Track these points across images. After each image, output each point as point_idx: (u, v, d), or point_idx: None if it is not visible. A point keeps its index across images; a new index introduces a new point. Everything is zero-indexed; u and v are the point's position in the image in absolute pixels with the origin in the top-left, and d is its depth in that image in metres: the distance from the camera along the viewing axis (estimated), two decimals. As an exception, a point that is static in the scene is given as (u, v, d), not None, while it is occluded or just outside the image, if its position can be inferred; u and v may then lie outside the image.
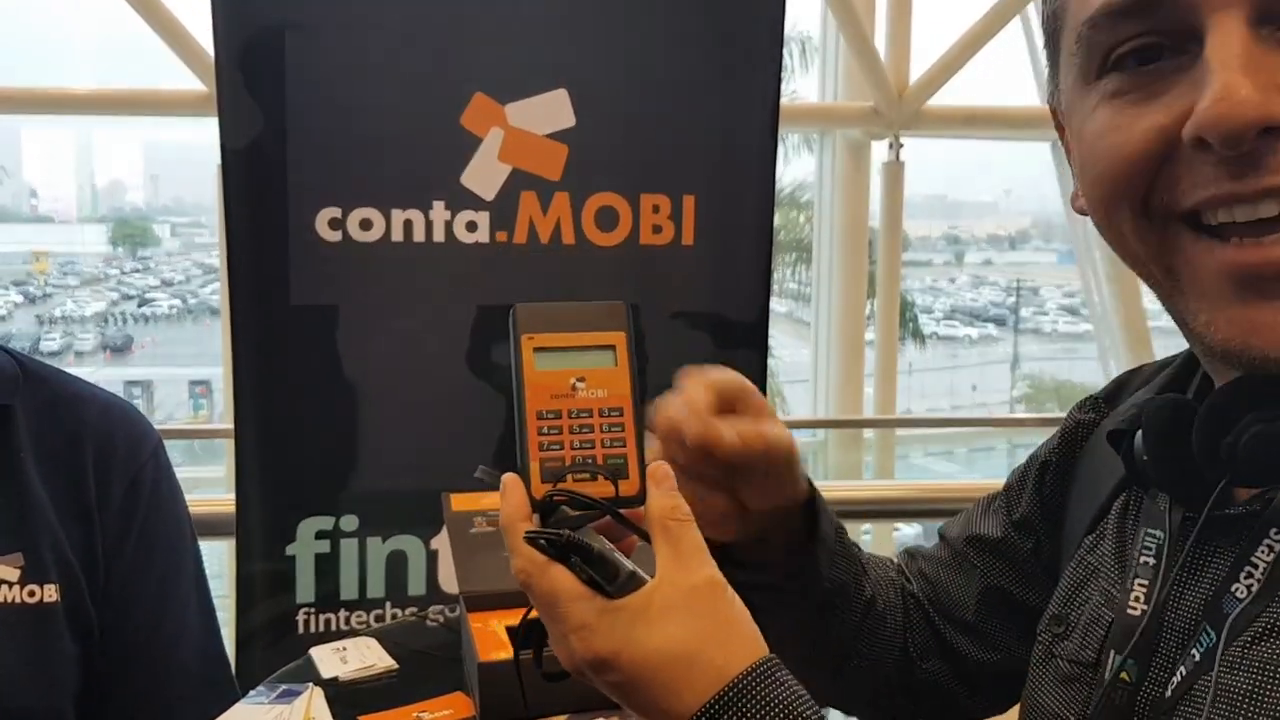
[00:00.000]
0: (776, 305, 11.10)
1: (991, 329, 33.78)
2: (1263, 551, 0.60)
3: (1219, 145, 0.55)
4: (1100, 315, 5.46)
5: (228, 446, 3.19)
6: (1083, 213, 0.68)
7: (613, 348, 0.68)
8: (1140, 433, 0.68)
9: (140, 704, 1.12)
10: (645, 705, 0.60)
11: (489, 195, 1.80)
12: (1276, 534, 0.60)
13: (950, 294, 36.94)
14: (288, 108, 1.71)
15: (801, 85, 10.02)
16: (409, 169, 1.78)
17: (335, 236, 1.75)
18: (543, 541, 0.62)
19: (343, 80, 1.74)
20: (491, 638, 1.17)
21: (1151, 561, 0.68)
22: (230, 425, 1.82)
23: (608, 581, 0.60)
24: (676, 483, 0.65)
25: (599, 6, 1.84)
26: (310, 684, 1.19)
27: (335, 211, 1.75)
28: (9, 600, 1.03)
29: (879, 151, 5.43)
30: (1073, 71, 0.64)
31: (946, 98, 5.09)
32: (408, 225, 1.78)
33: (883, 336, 5.55)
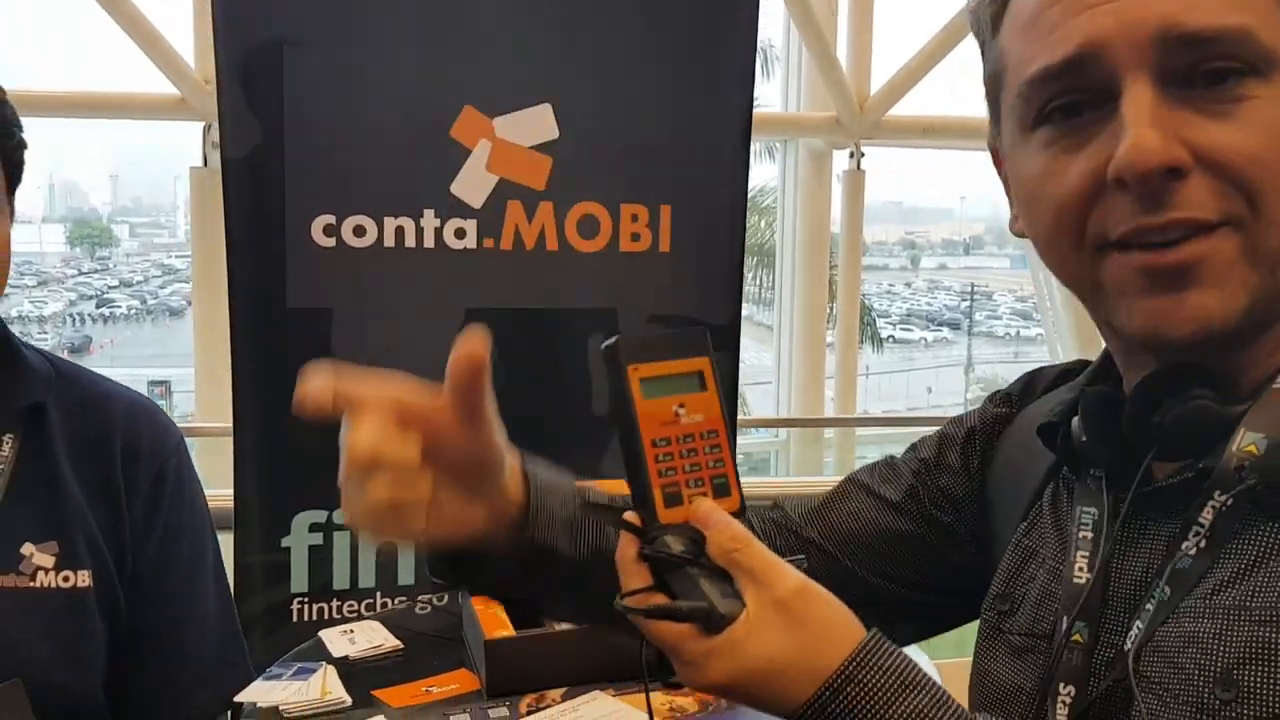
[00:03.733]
0: (737, 308, 11.17)
1: (946, 332, 34.19)
2: (1207, 513, 0.70)
3: (1134, 185, 0.66)
4: (1052, 319, 5.62)
5: (198, 445, 3.24)
6: (1021, 235, 0.79)
7: (701, 373, 0.71)
8: (1076, 421, 0.78)
9: (163, 683, 1.19)
10: (772, 705, 0.67)
11: (477, 204, 1.89)
12: (1220, 494, 0.69)
13: (906, 298, 37.34)
14: (285, 120, 1.79)
15: (764, 93, 10.15)
16: (401, 178, 1.86)
17: (330, 242, 1.83)
18: (630, 608, 0.67)
19: (338, 94, 1.82)
20: (494, 619, 1.26)
21: (1090, 535, 0.77)
22: (229, 423, 1.88)
23: (704, 628, 0.66)
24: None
25: (582, 27, 1.92)
26: (323, 662, 1.28)
27: (330, 218, 1.83)
28: (46, 585, 1.10)
29: (840, 160, 5.54)
30: (1012, 121, 0.75)
31: (906, 108, 5.22)
32: (399, 232, 1.86)
33: (843, 339, 5.67)
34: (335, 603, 1.90)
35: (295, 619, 1.88)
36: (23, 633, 1.08)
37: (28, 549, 1.09)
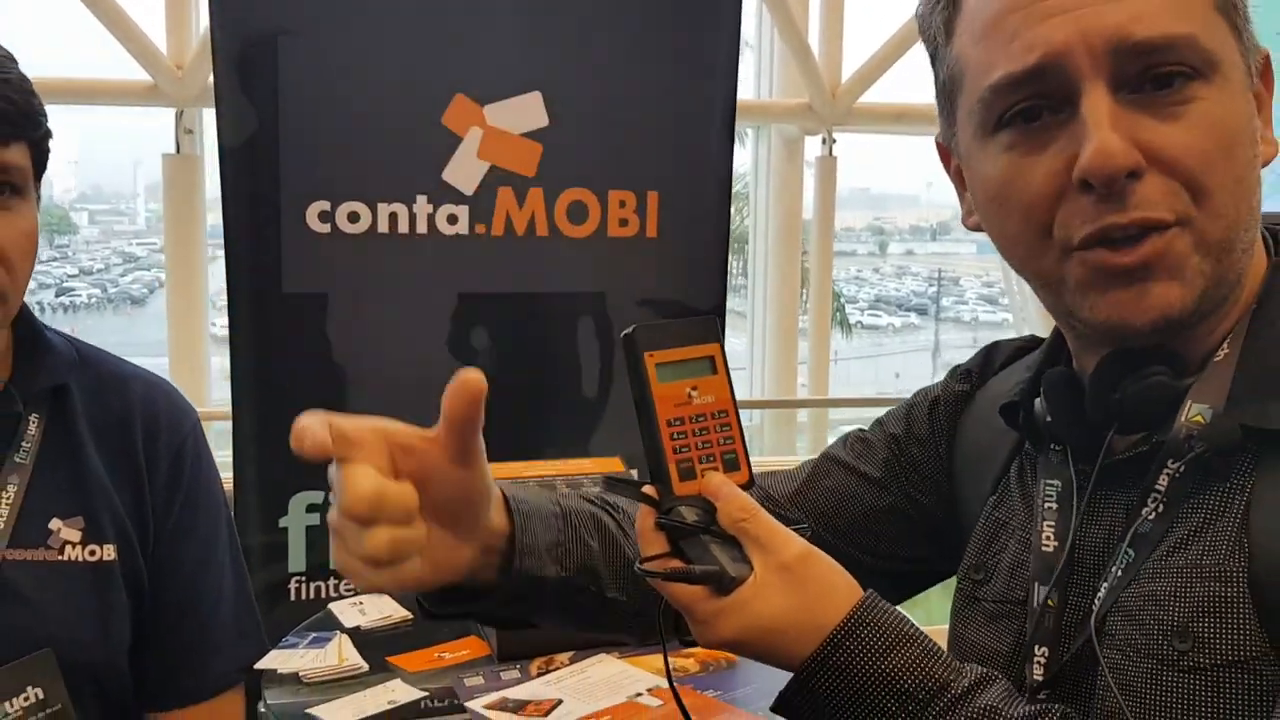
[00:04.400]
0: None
1: (914, 318, 34.37)
2: (1162, 481, 0.76)
3: (1099, 186, 0.71)
4: (1019, 304, 5.71)
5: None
6: (976, 229, 0.85)
7: (711, 358, 0.76)
8: (1039, 401, 0.84)
9: (182, 653, 1.24)
10: (779, 662, 0.73)
11: (469, 190, 1.93)
12: (1173, 463, 0.75)
13: (874, 284, 37.54)
14: (280, 108, 1.83)
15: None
16: (394, 165, 1.90)
17: (325, 228, 1.87)
18: (650, 571, 0.73)
19: (332, 82, 1.85)
20: (501, 588, 1.31)
21: (1054, 506, 0.83)
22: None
23: (715, 590, 0.72)
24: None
25: (571, 16, 1.97)
26: (338, 631, 1.33)
27: (325, 205, 1.86)
28: (73, 558, 1.14)
29: (812, 146, 5.60)
30: (971, 125, 0.79)
31: (876, 95, 5.29)
32: (393, 218, 1.90)
33: (815, 325, 5.75)
34: (332, 581, 1.95)
35: (293, 597, 1.93)
36: (53, 604, 1.12)
37: (55, 524, 1.13)
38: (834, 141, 5.48)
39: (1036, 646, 0.81)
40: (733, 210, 2.07)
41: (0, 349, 1.14)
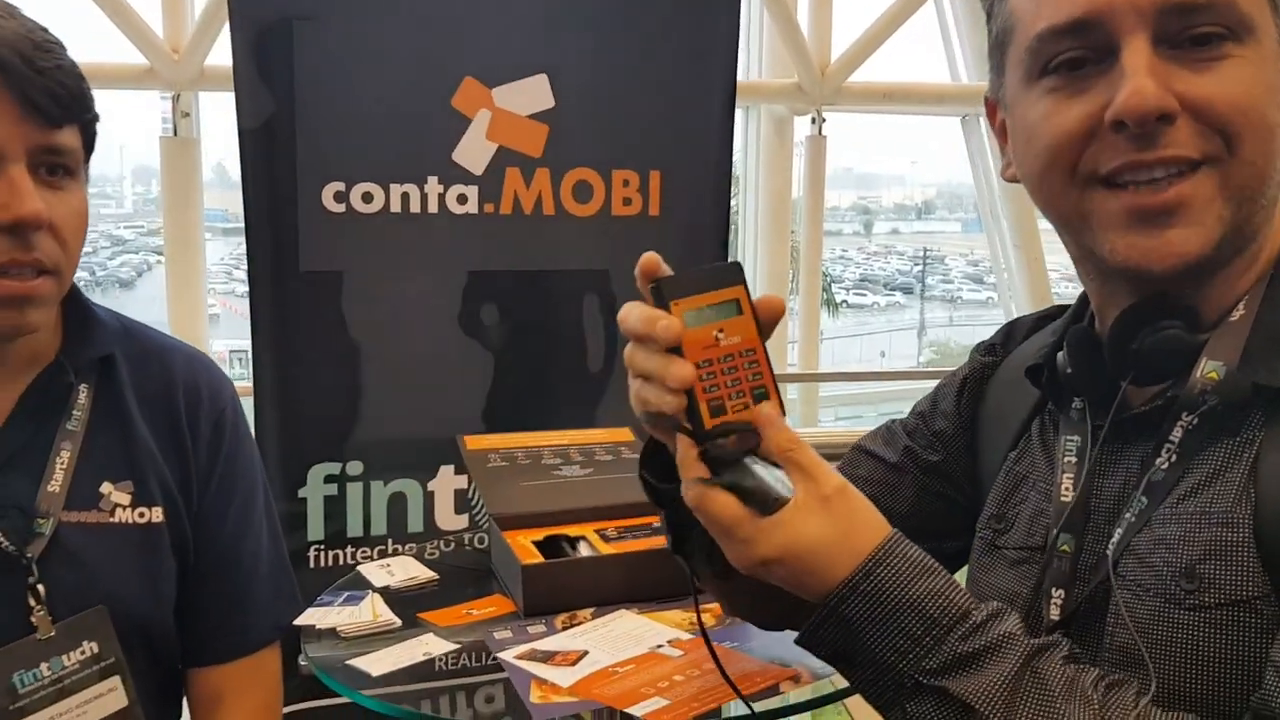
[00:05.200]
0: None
1: (899, 296, 34.53)
2: (1176, 432, 0.82)
3: (1132, 125, 0.77)
4: (1006, 281, 5.79)
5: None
6: (1013, 180, 0.90)
7: (737, 300, 0.80)
8: (1061, 355, 0.90)
9: (224, 611, 1.30)
10: (810, 587, 0.78)
11: (478, 170, 1.99)
12: (1186, 417, 0.81)
13: (860, 263, 37.63)
14: (296, 92, 1.88)
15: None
16: (406, 146, 1.95)
17: (339, 208, 1.93)
18: (705, 480, 0.78)
19: (346, 67, 1.90)
20: (524, 549, 1.39)
21: (1074, 459, 0.89)
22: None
23: (762, 506, 0.78)
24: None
25: (577, 1, 2.02)
26: (369, 590, 1.40)
27: (339, 185, 1.92)
28: (124, 521, 1.20)
29: (801, 126, 5.65)
30: (1019, 72, 0.85)
31: (864, 74, 5.35)
32: (405, 198, 1.96)
33: (805, 304, 5.82)
34: (349, 549, 2.01)
35: (312, 565, 1.99)
36: (105, 564, 1.18)
37: (106, 488, 1.19)
38: (823, 121, 5.55)
39: (1053, 588, 0.86)
40: (727, 189, 2.14)
41: (51, 323, 1.19)
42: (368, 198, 1.94)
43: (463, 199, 1.99)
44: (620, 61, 2.04)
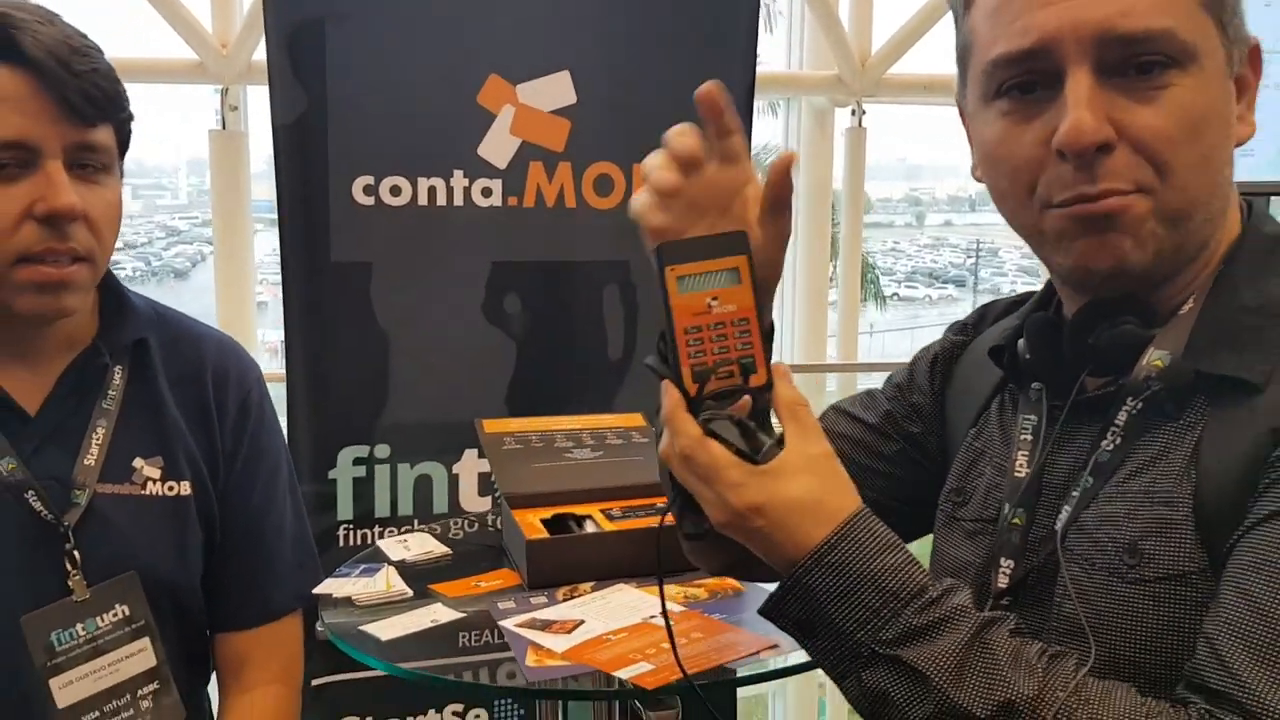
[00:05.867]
0: (742, 266, 11.29)
1: (951, 290, 34.11)
2: (1122, 416, 0.87)
3: (1071, 157, 0.82)
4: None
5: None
6: (980, 180, 0.94)
7: (737, 269, 0.80)
8: (1021, 342, 0.95)
9: (248, 581, 1.38)
10: (783, 542, 0.78)
11: (502, 164, 2.06)
12: (1131, 402, 0.86)
13: (912, 255, 37.25)
14: (328, 89, 1.96)
15: (767, 50, 10.16)
16: (433, 141, 2.03)
17: (369, 201, 2.01)
18: (707, 424, 0.79)
19: (375, 64, 1.98)
20: (531, 526, 1.46)
21: (1029, 437, 0.94)
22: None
23: (754, 452, 0.78)
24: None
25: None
26: (384, 564, 1.48)
27: (369, 179, 2.00)
28: (154, 493, 1.29)
29: (841, 117, 5.65)
30: (977, 90, 0.90)
31: (906, 66, 5.34)
32: (431, 191, 2.04)
33: (845, 296, 5.82)
34: (377, 529, 2.10)
35: (341, 544, 2.08)
36: (136, 533, 1.26)
37: (138, 462, 1.28)
38: (863, 113, 5.56)
39: (1003, 559, 0.91)
40: (764, 180, 2.17)
41: (88, 308, 1.28)
42: (396, 191, 2.02)
43: (487, 192, 2.06)
44: (640, 58, 2.10)
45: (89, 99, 1.14)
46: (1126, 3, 0.80)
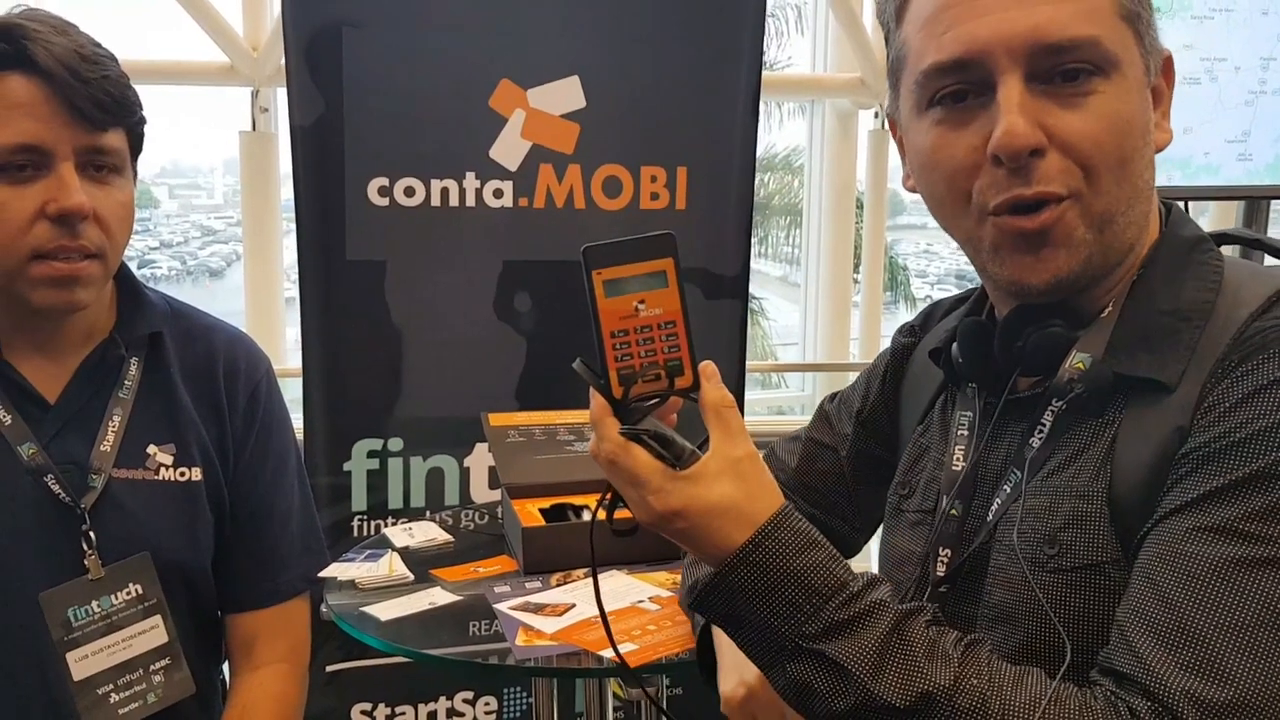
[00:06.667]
0: (770, 269, 11.27)
1: (985, 293, 33.67)
2: (1048, 416, 0.90)
3: (1007, 161, 0.85)
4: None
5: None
6: (912, 191, 0.97)
7: (664, 272, 0.79)
8: (955, 345, 0.99)
9: (257, 564, 1.44)
10: (704, 544, 0.80)
11: (513, 166, 2.12)
12: (1056, 402, 0.90)
13: (945, 258, 36.91)
14: (345, 93, 2.02)
15: (794, 53, 10.19)
16: (446, 144, 2.08)
17: (384, 202, 2.07)
18: (628, 431, 0.80)
19: (390, 70, 2.04)
20: (529, 514, 1.51)
21: (965, 433, 0.98)
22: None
23: (676, 458, 0.79)
24: None
25: (607, 6, 2.13)
26: (388, 549, 1.53)
27: (384, 180, 2.06)
28: (166, 478, 1.35)
29: (865, 119, 5.66)
30: (910, 100, 0.92)
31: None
32: (444, 192, 2.09)
33: (868, 299, 5.83)
34: (390, 520, 2.16)
35: (356, 534, 2.14)
36: (149, 516, 1.33)
37: (152, 449, 1.34)
38: (887, 115, 5.59)
39: (941, 548, 0.96)
40: (795, 183, 2.20)
41: (105, 302, 1.35)
42: (410, 192, 2.08)
43: (499, 193, 2.11)
44: (648, 63, 2.15)
45: (98, 104, 1.21)
46: (1053, 13, 0.84)
